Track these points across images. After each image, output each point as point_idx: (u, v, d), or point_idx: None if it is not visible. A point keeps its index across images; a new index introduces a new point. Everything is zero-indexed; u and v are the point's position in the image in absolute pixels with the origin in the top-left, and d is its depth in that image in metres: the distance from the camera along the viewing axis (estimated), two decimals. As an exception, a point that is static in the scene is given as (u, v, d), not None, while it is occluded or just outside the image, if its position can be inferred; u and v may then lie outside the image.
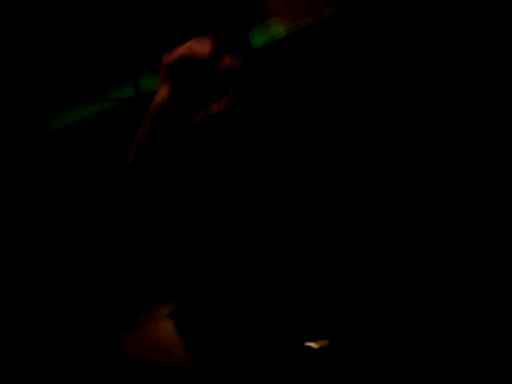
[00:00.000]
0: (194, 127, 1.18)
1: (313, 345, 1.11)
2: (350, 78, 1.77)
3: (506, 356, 0.94)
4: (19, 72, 1.79)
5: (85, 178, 1.75)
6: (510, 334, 0.98)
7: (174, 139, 1.17)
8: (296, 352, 0.89)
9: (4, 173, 1.72)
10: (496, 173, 1.47)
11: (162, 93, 1.19)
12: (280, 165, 1.07)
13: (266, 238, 0.96)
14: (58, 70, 1.81)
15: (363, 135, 1.69)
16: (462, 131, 1.59)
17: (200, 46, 1.19)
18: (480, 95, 1.64)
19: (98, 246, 1.87)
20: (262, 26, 2.01)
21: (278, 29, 1.94)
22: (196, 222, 1.12)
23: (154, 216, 1.24)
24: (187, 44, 1.21)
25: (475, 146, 1.55)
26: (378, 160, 1.64)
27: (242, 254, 0.99)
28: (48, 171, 1.72)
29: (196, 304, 1.01)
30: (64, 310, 2.16)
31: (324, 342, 1.11)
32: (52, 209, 1.81)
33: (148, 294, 1.86)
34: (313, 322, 0.91)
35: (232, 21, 1.20)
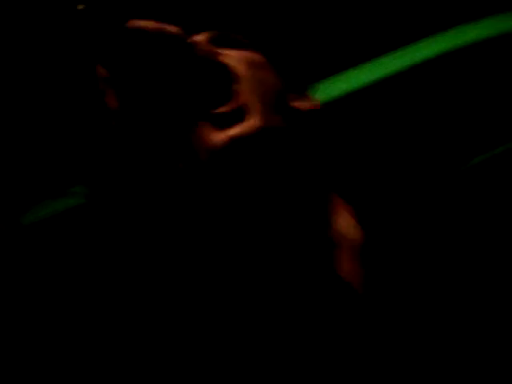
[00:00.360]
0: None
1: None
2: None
3: (506, 356, 0.95)
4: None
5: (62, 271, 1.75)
6: (510, 334, 1.00)
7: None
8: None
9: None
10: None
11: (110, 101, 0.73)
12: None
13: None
14: (29, 162, 1.83)
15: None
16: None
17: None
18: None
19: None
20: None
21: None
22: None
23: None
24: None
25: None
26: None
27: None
28: (23, 267, 1.71)
29: None
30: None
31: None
32: (30, 305, 1.80)
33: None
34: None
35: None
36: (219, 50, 0.77)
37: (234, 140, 0.72)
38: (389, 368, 0.76)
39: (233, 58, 0.76)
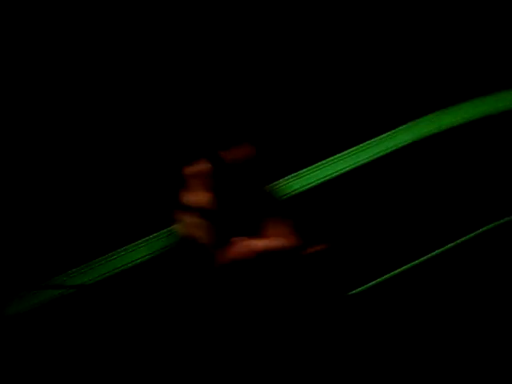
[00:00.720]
0: None
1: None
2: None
3: (506, 356, 0.95)
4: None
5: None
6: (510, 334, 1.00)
7: None
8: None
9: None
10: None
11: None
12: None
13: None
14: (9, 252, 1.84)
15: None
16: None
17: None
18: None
19: None
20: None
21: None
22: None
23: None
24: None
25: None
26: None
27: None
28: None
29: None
30: None
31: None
32: None
33: None
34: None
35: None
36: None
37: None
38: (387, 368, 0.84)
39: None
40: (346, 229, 1.55)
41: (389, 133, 1.73)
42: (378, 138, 1.72)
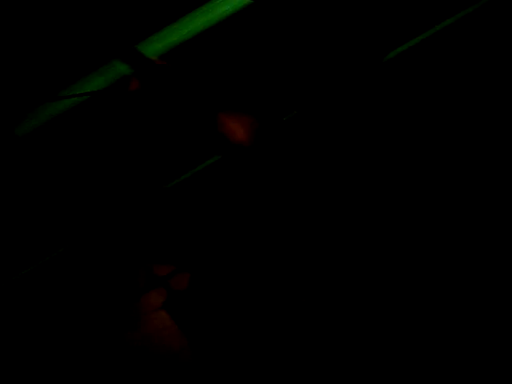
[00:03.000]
0: None
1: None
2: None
3: (506, 356, 0.93)
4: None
5: (65, 179, 1.73)
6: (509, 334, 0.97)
7: None
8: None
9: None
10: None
11: None
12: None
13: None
14: (14, 70, 1.82)
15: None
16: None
17: None
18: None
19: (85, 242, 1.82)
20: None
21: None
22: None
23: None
24: None
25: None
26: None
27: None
28: (20, 178, 1.70)
29: (188, 292, 0.97)
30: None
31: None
32: (31, 216, 1.78)
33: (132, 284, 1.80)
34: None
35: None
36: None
37: None
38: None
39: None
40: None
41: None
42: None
